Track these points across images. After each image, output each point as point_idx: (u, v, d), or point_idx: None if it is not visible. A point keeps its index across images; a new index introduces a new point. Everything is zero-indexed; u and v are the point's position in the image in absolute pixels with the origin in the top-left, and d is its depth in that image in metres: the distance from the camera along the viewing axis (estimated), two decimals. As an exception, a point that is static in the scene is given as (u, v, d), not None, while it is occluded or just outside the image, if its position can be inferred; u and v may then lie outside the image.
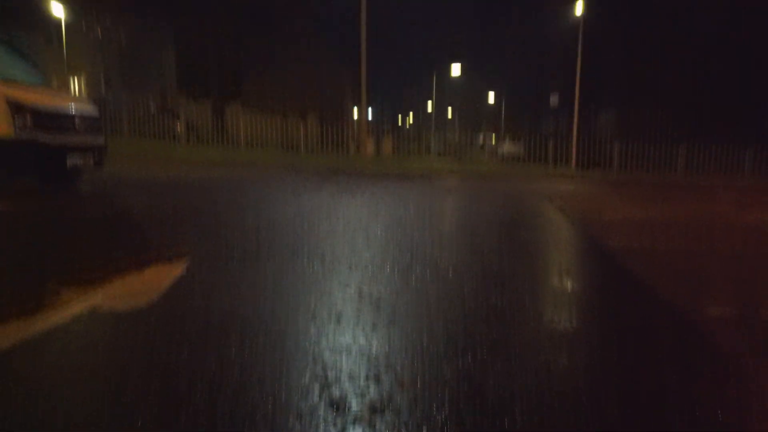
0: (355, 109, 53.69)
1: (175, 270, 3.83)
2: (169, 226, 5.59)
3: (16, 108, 6.94)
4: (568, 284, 4.11)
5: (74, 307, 2.99)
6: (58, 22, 31.26)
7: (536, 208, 9.01)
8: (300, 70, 40.55)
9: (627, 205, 10.16)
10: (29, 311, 2.87)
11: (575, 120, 25.41)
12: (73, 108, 7.85)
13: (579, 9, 24.88)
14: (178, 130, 24.97)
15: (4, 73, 7.64)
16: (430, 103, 74.82)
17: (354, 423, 1.94)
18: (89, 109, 8.25)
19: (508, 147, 40.61)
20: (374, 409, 2.03)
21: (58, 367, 2.27)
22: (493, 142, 48.76)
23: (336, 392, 2.15)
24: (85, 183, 8.80)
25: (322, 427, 1.90)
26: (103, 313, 2.95)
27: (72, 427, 1.83)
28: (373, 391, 2.17)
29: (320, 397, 2.11)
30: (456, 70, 50.76)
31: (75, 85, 37.35)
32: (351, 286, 3.64)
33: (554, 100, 36.49)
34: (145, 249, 4.51)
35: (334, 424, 1.92)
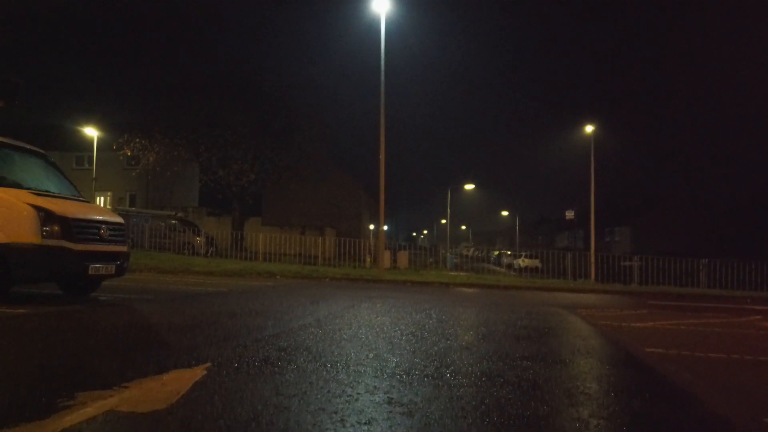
0: (371, 226, 54.60)
1: (195, 376, 3.66)
2: (189, 335, 5.44)
3: (46, 217, 7.10)
4: (597, 388, 3.85)
5: (89, 409, 2.82)
6: (89, 144, 32.99)
7: (563, 319, 8.74)
8: (318, 187, 41.77)
9: (653, 316, 9.83)
10: (43, 413, 2.71)
11: (592, 235, 25.45)
12: (99, 218, 8.01)
13: (589, 128, 25.76)
14: (198, 244, 25.33)
15: (37, 186, 7.93)
16: (444, 221, 75.95)
17: None
18: (115, 218, 8.41)
19: (525, 261, 40.49)
20: None
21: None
22: (508, 253, 48.76)
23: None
24: (105, 291, 8.77)
25: None
26: (119, 415, 2.77)
27: None
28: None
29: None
30: (469, 188, 51.93)
31: (101, 203, 38.65)
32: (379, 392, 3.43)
33: (570, 214, 36.90)
34: (165, 356, 4.35)
35: None
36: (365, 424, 2.81)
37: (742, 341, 7.11)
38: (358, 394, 3.39)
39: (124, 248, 8.38)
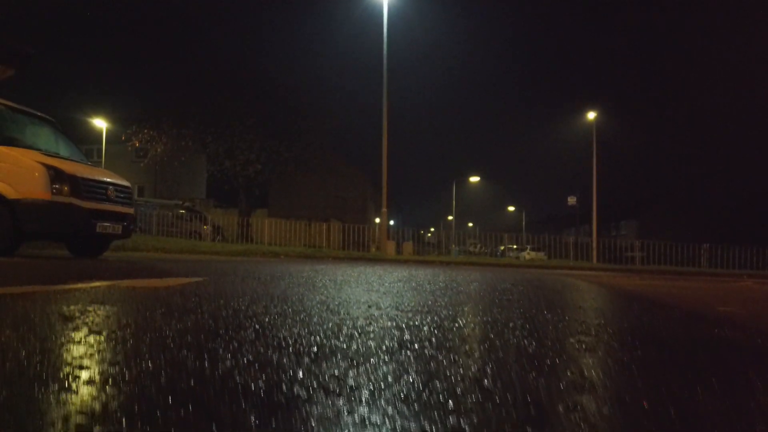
0: (377, 220, 54.82)
1: (192, 280, 3.97)
2: (190, 270, 5.77)
3: (55, 175, 7.45)
4: (589, 308, 4.13)
5: (96, 283, 3.14)
6: (98, 137, 33.49)
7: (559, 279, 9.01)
8: (324, 180, 42.12)
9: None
10: (57, 284, 3.03)
11: (594, 218, 25.62)
12: (107, 179, 8.36)
13: (591, 115, 25.94)
14: (205, 232, 25.70)
15: (48, 149, 8.30)
16: (450, 217, 75.96)
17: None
18: (121, 180, 8.76)
19: (530, 254, 40.64)
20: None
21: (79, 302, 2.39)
22: (514, 247, 48.83)
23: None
24: (111, 252, 9.12)
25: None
26: (121, 287, 3.09)
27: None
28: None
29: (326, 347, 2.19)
30: (474, 180, 52.07)
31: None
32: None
33: (572, 200, 37.11)
34: (167, 275, 4.68)
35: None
36: (341, 306, 3.11)
37: (722, 291, 7.35)
38: (341, 298, 3.70)
39: (130, 210, 8.72)
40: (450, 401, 1.12)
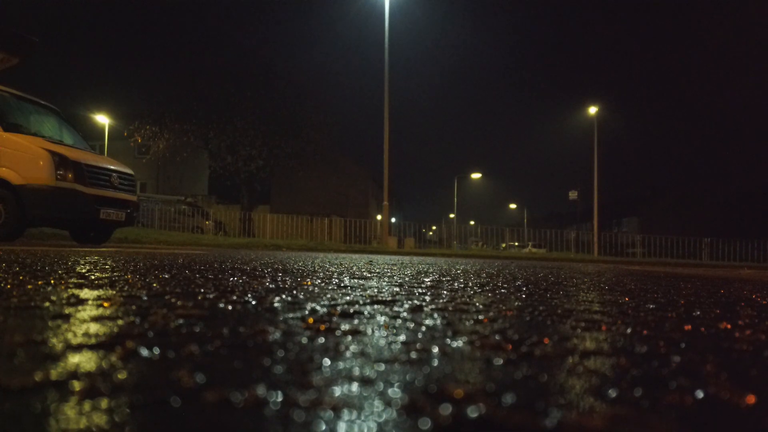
0: (378, 216, 54.79)
1: (195, 251, 4.04)
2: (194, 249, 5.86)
3: (60, 161, 7.53)
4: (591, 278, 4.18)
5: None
6: (100, 133, 33.58)
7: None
8: (326, 176, 42.18)
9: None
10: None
11: (595, 210, 25.67)
12: (110, 166, 8.43)
13: (593, 110, 25.97)
14: (207, 226, 25.79)
15: (52, 136, 8.38)
16: (452, 215, 75.98)
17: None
18: (125, 168, 8.84)
19: (532, 251, 40.68)
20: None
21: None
22: (516, 244, 48.86)
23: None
24: (113, 243, 9.20)
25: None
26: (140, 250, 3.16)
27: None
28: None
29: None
30: (476, 177, 52.07)
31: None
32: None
33: (573, 194, 37.17)
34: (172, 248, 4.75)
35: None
36: (341, 271, 3.18)
37: (718, 276, 7.40)
38: (340, 270, 3.77)
39: (133, 197, 8.79)
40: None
